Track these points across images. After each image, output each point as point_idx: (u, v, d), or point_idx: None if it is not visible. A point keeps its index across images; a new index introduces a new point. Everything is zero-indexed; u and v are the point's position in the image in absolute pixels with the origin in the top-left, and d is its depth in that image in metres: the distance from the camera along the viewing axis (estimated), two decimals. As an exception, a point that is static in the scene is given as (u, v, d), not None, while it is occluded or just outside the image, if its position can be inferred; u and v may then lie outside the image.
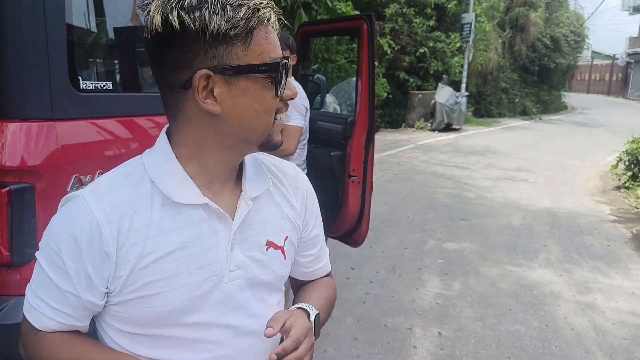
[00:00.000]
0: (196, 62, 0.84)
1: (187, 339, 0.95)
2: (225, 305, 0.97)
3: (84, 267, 0.87)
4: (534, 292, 4.41)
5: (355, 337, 3.48)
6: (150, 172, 0.92)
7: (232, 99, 0.86)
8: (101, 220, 0.87)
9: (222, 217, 0.95)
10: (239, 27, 0.82)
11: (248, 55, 0.85)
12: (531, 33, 25.88)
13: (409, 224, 6.23)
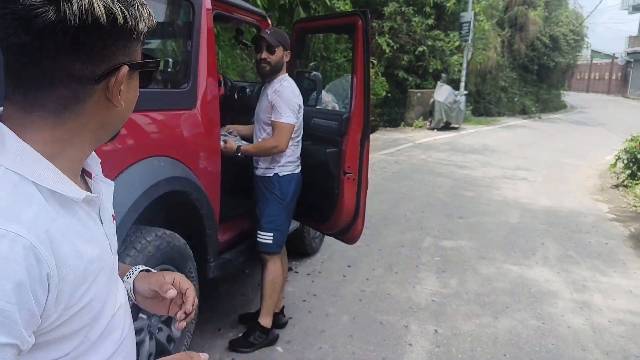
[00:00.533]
0: (117, 57, 0.83)
1: (103, 335, 0.92)
2: (115, 284, 0.98)
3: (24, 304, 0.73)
4: (531, 290, 4.40)
5: (350, 335, 3.47)
6: (30, 176, 0.79)
7: (127, 93, 0.87)
8: (32, 239, 0.74)
9: (94, 204, 0.93)
10: (147, 28, 0.86)
11: (139, 53, 0.88)
12: (530, 32, 25.86)
13: (406, 222, 6.21)
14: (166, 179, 2.47)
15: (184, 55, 2.91)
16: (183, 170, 2.64)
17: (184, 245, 2.68)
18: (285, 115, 3.00)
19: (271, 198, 3.16)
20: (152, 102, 2.52)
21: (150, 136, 2.46)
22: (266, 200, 3.18)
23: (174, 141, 2.63)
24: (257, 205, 3.23)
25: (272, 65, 3.06)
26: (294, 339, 3.37)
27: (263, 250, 3.21)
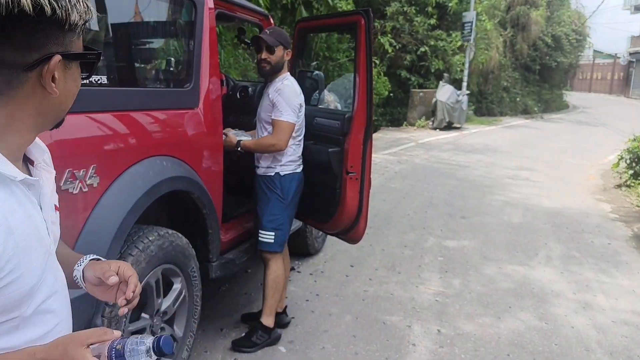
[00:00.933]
0: (49, 47, 0.87)
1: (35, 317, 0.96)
2: (52, 270, 1.01)
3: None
4: (534, 290, 4.39)
5: (353, 335, 3.46)
6: None
7: (64, 82, 0.92)
8: None
9: (32, 187, 0.97)
10: (82, 20, 0.90)
11: (79, 44, 0.94)
12: (532, 32, 25.81)
13: (409, 222, 6.20)
14: (168, 179, 2.46)
15: (186, 55, 2.90)
16: (186, 170, 2.64)
17: (187, 245, 2.68)
18: (286, 114, 2.99)
19: (272, 197, 3.15)
20: (155, 101, 2.52)
21: (152, 135, 2.45)
22: (267, 199, 3.17)
23: (177, 140, 2.62)
24: (259, 205, 3.23)
25: (273, 65, 3.06)
26: (296, 339, 3.36)
27: (264, 249, 3.20)
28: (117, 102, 2.27)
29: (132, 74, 2.78)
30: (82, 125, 2.05)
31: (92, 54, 0.97)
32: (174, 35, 3.12)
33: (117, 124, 2.23)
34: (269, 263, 3.22)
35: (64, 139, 1.92)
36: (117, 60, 2.69)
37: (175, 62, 3.04)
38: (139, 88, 2.65)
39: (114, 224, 2.13)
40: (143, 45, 2.91)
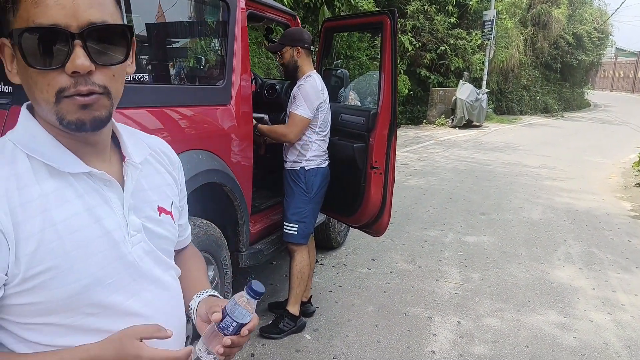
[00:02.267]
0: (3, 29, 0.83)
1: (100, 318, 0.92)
2: (133, 274, 0.95)
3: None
4: (553, 285, 4.46)
5: (376, 324, 3.58)
6: (25, 148, 0.87)
7: (18, 71, 0.85)
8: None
9: (110, 184, 0.93)
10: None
11: (17, 22, 0.82)
12: (553, 30, 25.62)
13: (429, 218, 6.29)
14: (204, 171, 2.60)
15: (219, 53, 3.03)
16: (219, 163, 2.78)
17: (219, 235, 2.82)
18: (301, 108, 3.14)
19: (297, 191, 3.28)
20: (191, 98, 2.66)
21: (189, 130, 2.59)
22: (292, 193, 3.30)
23: (211, 135, 2.77)
24: (285, 198, 3.36)
25: (286, 64, 3.23)
26: (321, 327, 3.49)
27: (289, 240, 3.33)
28: (157, 99, 2.41)
29: (169, 72, 2.93)
30: (125, 119, 2.20)
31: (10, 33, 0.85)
32: (209, 35, 3.25)
33: (157, 119, 2.37)
34: (294, 254, 3.35)
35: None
36: (156, 59, 2.84)
37: (209, 61, 3.18)
38: (177, 85, 2.79)
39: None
40: (180, 44, 3.05)
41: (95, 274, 0.89)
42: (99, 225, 0.90)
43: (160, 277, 1.01)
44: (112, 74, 0.86)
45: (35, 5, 0.79)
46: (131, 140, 1.01)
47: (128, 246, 0.94)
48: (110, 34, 0.85)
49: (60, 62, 0.81)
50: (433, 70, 17.57)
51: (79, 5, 0.81)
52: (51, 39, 0.80)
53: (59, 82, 0.82)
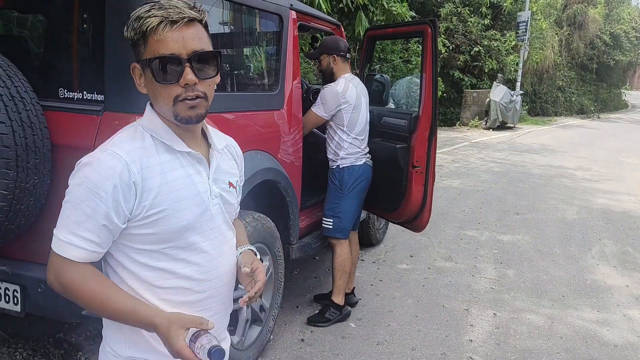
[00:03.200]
0: (135, 57, 1.24)
1: (187, 252, 1.30)
2: (209, 224, 1.33)
3: (116, 197, 1.18)
4: (587, 282, 4.60)
5: (415, 315, 3.79)
6: (150, 131, 1.27)
7: (146, 84, 1.25)
8: (127, 160, 1.19)
9: (201, 161, 1.32)
10: (137, 34, 1.20)
11: (146, 53, 1.21)
12: (590, 30, 25.31)
13: (464, 217, 6.46)
14: (262, 169, 2.86)
15: (274, 62, 3.30)
16: (274, 162, 3.04)
17: (274, 228, 3.08)
18: (317, 107, 3.44)
19: (332, 188, 3.56)
20: (251, 104, 2.93)
21: (249, 132, 2.86)
22: (329, 189, 3.59)
23: (267, 137, 3.03)
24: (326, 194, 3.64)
25: (324, 71, 3.54)
26: (364, 317, 3.72)
27: (325, 234, 3.61)
28: (222, 105, 2.68)
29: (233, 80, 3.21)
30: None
31: (144, 62, 1.24)
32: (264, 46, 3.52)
33: (223, 123, 2.64)
34: (334, 248, 3.59)
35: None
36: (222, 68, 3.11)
37: (264, 69, 3.45)
38: (237, 93, 3.06)
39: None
40: (239, 55, 3.32)
41: (189, 219, 1.27)
42: (194, 187, 1.30)
43: (224, 232, 1.39)
44: (208, 84, 1.26)
45: (158, 42, 1.19)
46: (215, 133, 1.43)
47: (209, 205, 1.33)
48: (207, 58, 1.24)
49: (176, 78, 1.21)
50: (466, 72, 17.62)
51: (186, 40, 1.21)
52: (170, 63, 1.20)
53: (175, 91, 1.22)
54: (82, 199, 1.18)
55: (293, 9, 3.27)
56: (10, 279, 2.33)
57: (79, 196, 1.18)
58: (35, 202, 2.23)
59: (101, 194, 1.17)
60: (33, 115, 2.15)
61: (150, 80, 1.23)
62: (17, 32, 2.91)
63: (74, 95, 2.30)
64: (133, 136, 1.26)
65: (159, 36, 1.18)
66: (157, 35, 1.18)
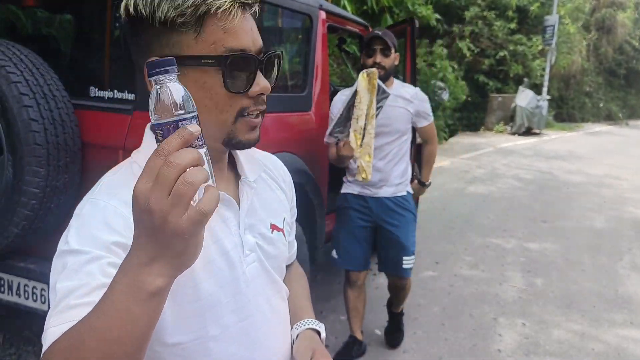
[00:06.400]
0: (151, 49, 0.82)
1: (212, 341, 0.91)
2: (248, 296, 0.95)
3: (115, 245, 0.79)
4: (618, 292, 4.47)
5: (442, 323, 3.72)
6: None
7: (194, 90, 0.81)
8: (122, 208, 0.82)
9: (230, 203, 0.93)
10: (186, 14, 0.79)
11: (199, 45, 0.82)
12: (618, 35, 24.86)
13: (490, 224, 6.35)
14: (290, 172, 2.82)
15: (302, 63, 3.26)
16: (301, 165, 3.00)
17: (301, 231, 3.04)
18: (430, 114, 3.07)
19: (410, 218, 3.05)
20: (280, 105, 2.90)
21: (277, 134, 2.83)
22: (403, 222, 3.02)
23: (294, 139, 3.00)
24: (395, 229, 3.01)
25: (387, 69, 2.85)
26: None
27: (408, 276, 3.13)
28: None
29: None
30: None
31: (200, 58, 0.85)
32: (293, 46, 3.49)
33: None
34: (409, 285, 3.24)
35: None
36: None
37: (293, 70, 3.42)
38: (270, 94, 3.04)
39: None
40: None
41: (215, 293, 0.90)
42: (218, 245, 0.91)
43: (270, 299, 1.01)
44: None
45: (224, 30, 0.82)
46: (246, 158, 1.01)
47: (243, 266, 0.95)
48: (274, 59, 0.92)
49: (246, 85, 0.86)
50: (491, 76, 17.41)
51: (254, 33, 0.87)
52: (245, 63, 0.85)
53: (243, 102, 0.87)
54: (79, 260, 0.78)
55: (323, 9, 3.24)
56: (38, 277, 2.33)
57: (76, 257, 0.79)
58: (65, 201, 2.22)
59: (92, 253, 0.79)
60: (64, 113, 2.15)
61: (207, 87, 0.84)
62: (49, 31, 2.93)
63: (105, 94, 2.29)
64: (125, 180, 0.86)
65: (230, 23, 0.82)
66: (226, 22, 0.82)
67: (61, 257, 0.81)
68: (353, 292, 3.12)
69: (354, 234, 3.04)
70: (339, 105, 2.81)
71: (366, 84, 2.59)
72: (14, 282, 2.38)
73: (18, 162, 2.06)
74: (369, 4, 9.67)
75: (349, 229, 3.05)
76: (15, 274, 2.37)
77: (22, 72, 2.08)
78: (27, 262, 2.36)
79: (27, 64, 2.12)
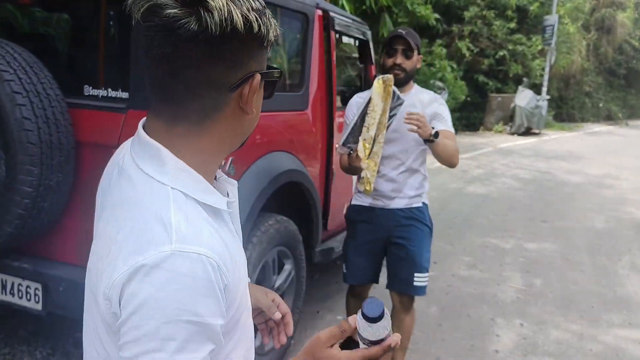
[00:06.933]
0: (250, 65, 0.84)
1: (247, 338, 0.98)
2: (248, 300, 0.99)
3: (222, 314, 0.80)
4: (617, 293, 4.45)
5: (439, 324, 3.70)
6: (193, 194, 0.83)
7: (256, 101, 0.87)
8: (216, 259, 0.78)
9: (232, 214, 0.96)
10: (274, 37, 0.86)
11: (265, 61, 0.89)
12: (618, 35, 24.86)
13: (489, 224, 6.34)
14: (286, 171, 2.81)
15: (299, 62, 3.25)
16: (297, 164, 2.99)
17: (296, 231, 3.02)
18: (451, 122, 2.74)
19: (426, 232, 2.77)
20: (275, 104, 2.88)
21: (273, 133, 2.82)
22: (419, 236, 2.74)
23: (291, 138, 2.98)
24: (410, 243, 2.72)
25: (408, 72, 2.58)
26: (387, 324, 3.64)
27: (421, 294, 2.78)
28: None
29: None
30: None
31: (279, 72, 0.92)
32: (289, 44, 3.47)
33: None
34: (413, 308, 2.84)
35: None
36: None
37: (290, 70, 3.40)
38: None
39: (245, 208, 2.50)
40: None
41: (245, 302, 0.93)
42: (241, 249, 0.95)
43: None
44: None
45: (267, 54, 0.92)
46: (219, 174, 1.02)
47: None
48: None
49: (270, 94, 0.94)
50: (491, 76, 17.42)
51: None
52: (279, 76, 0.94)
53: None
54: (185, 338, 0.76)
55: (319, 8, 3.22)
56: (32, 276, 2.31)
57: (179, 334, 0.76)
58: (59, 200, 2.20)
59: (203, 328, 0.78)
60: (58, 112, 2.13)
61: (261, 97, 0.91)
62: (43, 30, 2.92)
63: (99, 93, 2.27)
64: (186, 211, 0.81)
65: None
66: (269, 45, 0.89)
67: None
68: (355, 303, 2.92)
69: (361, 248, 2.77)
70: (354, 109, 2.61)
71: (381, 91, 2.37)
72: (7, 282, 2.37)
73: (11, 160, 2.04)
74: (368, 4, 9.67)
75: (356, 243, 2.78)
76: (9, 274, 2.35)
77: (16, 71, 2.06)
78: (21, 261, 2.34)
79: (20, 62, 2.10)
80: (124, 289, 0.75)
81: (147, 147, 0.85)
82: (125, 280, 0.75)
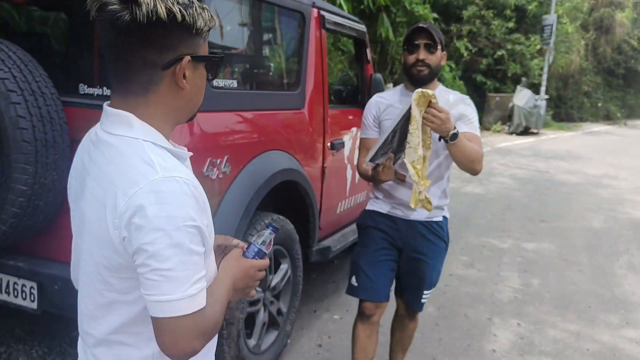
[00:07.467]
0: (180, 48, 1.05)
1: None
2: None
3: (208, 220, 1.07)
4: (615, 292, 4.45)
5: (436, 323, 3.70)
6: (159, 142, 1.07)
7: (193, 80, 1.09)
8: (195, 183, 1.04)
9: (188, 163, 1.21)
10: (207, 26, 1.08)
11: (204, 48, 1.11)
12: (617, 34, 24.88)
13: (487, 224, 6.34)
14: (282, 170, 2.81)
15: (295, 61, 3.24)
16: (294, 163, 2.98)
17: (293, 230, 3.02)
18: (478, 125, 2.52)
19: (442, 247, 2.59)
20: (273, 103, 2.88)
21: (270, 132, 2.81)
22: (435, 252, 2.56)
23: (287, 137, 2.97)
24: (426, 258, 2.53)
25: (432, 68, 2.37)
26: (383, 324, 3.56)
27: (421, 311, 2.77)
28: (244, 103, 2.64)
29: (255, 79, 3.17)
30: (220, 121, 2.43)
31: (216, 57, 1.14)
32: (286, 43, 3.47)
33: (245, 121, 2.60)
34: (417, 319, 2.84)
35: (209, 132, 2.30)
36: (242, 67, 3.07)
37: (287, 68, 3.39)
38: (258, 91, 3.02)
39: (241, 207, 2.49)
40: (260, 51, 3.28)
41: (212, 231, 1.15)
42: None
43: None
44: None
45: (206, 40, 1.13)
46: None
47: None
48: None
49: (213, 76, 1.17)
50: (489, 75, 17.43)
51: None
52: (220, 61, 1.17)
53: None
54: (189, 240, 1.00)
55: (316, 6, 3.22)
56: (27, 275, 2.30)
57: (183, 237, 0.99)
58: (54, 199, 2.20)
59: (198, 232, 1.03)
60: (53, 110, 2.13)
61: (203, 77, 1.15)
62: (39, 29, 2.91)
63: (94, 92, 2.27)
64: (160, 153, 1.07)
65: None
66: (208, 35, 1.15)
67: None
68: (364, 330, 2.61)
69: (376, 259, 2.52)
70: (373, 110, 2.49)
71: (423, 107, 2.13)
72: (3, 280, 2.36)
73: (6, 159, 2.03)
74: (366, 3, 9.64)
75: (371, 252, 2.53)
76: (4, 272, 2.34)
77: (10, 69, 2.05)
78: (16, 260, 2.33)
79: (15, 61, 2.09)
80: (132, 214, 0.97)
81: (114, 117, 1.07)
82: (130, 207, 0.97)
